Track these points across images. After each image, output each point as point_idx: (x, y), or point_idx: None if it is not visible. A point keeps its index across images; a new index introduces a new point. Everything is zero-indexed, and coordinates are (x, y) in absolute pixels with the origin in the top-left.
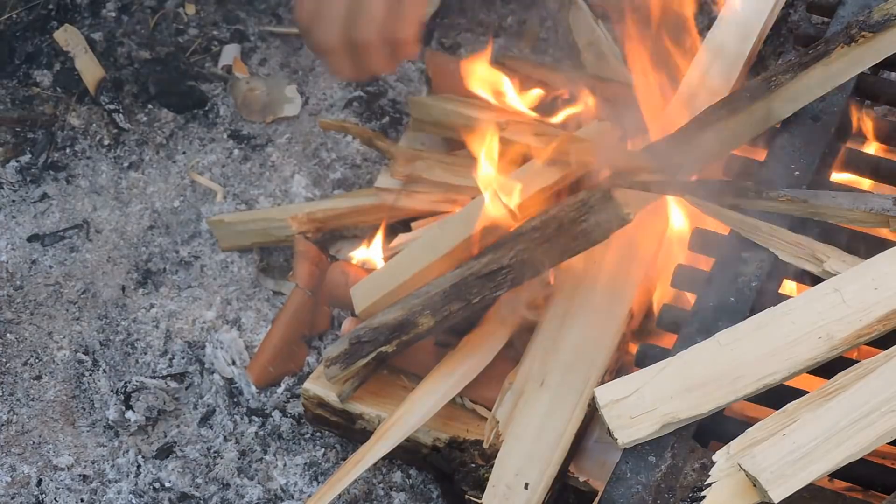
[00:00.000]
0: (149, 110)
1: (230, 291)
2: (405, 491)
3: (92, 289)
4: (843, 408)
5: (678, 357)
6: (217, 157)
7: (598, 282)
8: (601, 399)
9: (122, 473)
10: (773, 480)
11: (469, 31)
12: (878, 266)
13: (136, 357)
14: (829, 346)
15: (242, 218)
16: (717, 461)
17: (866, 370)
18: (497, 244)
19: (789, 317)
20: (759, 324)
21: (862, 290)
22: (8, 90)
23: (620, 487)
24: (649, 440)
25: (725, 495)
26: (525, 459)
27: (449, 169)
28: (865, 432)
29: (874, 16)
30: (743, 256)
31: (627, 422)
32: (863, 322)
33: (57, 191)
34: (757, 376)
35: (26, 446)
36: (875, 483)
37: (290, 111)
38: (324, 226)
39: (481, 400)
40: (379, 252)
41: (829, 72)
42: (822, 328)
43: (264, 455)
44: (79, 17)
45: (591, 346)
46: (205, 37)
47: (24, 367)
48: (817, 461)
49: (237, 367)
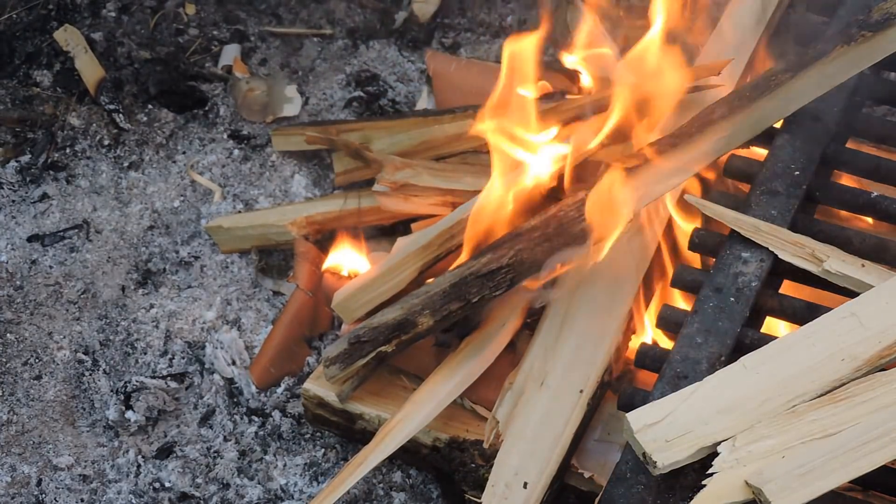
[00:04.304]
0: (149, 110)
1: (230, 291)
2: (405, 491)
3: (92, 289)
4: (854, 432)
5: (706, 381)
6: (217, 157)
7: (598, 282)
8: (634, 424)
9: (122, 473)
10: (777, 493)
11: (469, 31)
12: (891, 288)
13: (136, 357)
14: (852, 368)
15: (240, 223)
16: (721, 452)
17: (878, 382)
18: (496, 244)
19: (811, 340)
20: (781, 348)
21: (878, 312)
22: (8, 90)
23: (621, 487)
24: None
25: (727, 486)
26: (524, 459)
27: (438, 174)
28: (872, 456)
29: (874, 15)
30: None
31: (664, 445)
32: (882, 343)
33: (57, 191)
34: (785, 398)
35: (26, 446)
36: (876, 483)
37: (290, 111)
38: (323, 227)
39: (481, 400)
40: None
41: (829, 71)
42: (844, 350)
43: (264, 455)
44: (79, 17)
45: (591, 346)
46: (205, 37)
47: (24, 367)
48: (823, 478)
49: (237, 367)
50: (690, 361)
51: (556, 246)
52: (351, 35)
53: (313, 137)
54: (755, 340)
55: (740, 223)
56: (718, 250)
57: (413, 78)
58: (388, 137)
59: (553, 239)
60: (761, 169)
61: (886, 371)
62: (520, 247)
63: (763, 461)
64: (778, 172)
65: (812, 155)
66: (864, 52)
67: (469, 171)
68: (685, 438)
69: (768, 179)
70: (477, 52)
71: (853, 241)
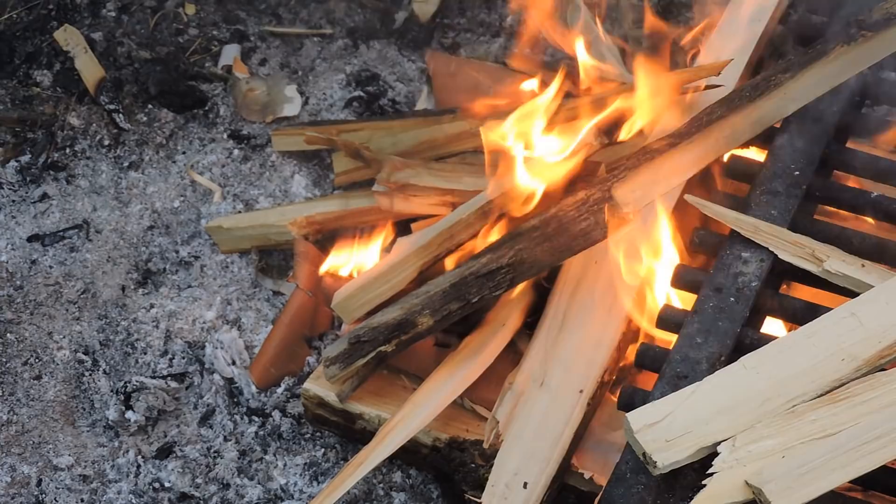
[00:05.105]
0: (149, 110)
1: (230, 291)
2: (405, 491)
3: (92, 289)
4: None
5: (706, 381)
6: (217, 157)
7: (598, 282)
8: (634, 424)
9: (122, 473)
10: (777, 493)
11: (469, 31)
12: (891, 288)
13: (136, 357)
14: (853, 367)
15: (240, 223)
16: (721, 452)
17: (878, 382)
18: (496, 244)
19: (811, 340)
20: (781, 348)
21: (878, 313)
22: (8, 90)
23: (621, 487)
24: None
25: (727, 486)
26: (524, 459)
27: (438, 174)
28: (872, 456)
29: (874, 15)
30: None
31: (664, 445)
32: (882, 343)
33: (57, 191)
34: (785, 398)
35: (26, 446)
36: (876, 483)
37: (290, 111)
38: (323, 227)
39: (481, 400)
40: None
41: (829, 71)
42: (844, 350)
43: (264, 455)
44: (79, 17)
45: (591, 346)
46: (205, 37)
47: (24, 367)
48: (823, 478)
49: (237, 367)
50: (690, 361)
51: (556, 246)
52: (351, 35)
53: (313, 137)
54: (755, 340)
55: (740, 223)
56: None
57: (413, 78)
58: (389, 137)
59: (553, 239)
60: (761, 169)
61: (886, 371)
62: (520, 247)
63: (763, 461)
64: (778, 172)
65: (812, 155)
66: (864, 52)
67: (469, 171)
68: (685, 438)
69: (768, 179)
70: (477, 52)
71: (853, 241)
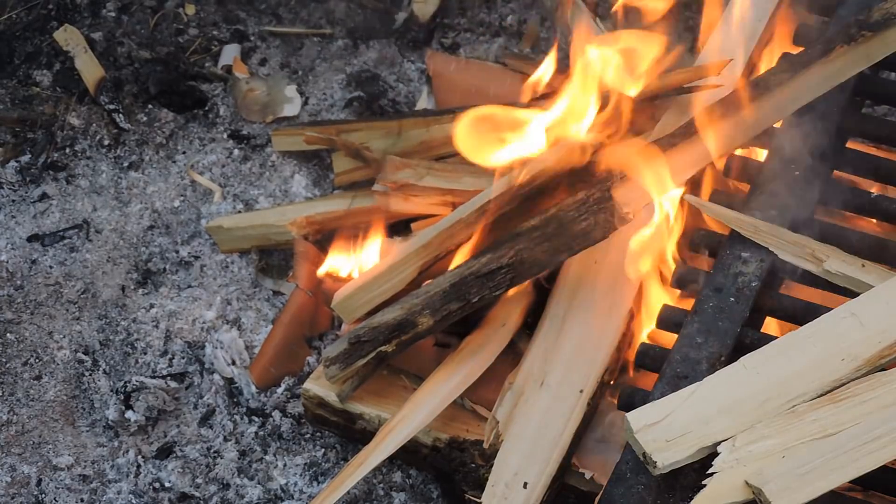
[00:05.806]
0: (149, 110)
1: (230, 291)
2: (405, 491)
3: (92, 289)
4: (854, 432)
5: (706, 381)
6: (217, 157)
7: (598, 282)
8: (634, 423)
9: (122, 473)
10: (777, 493)
11: (469, 31)
12: (891, 288)
13: (136, 357)
14: (852, 368)
15: (241, 223)
16: (721, 452)
17: (878, 382)
18: (496, 243)
19: (811, 340)
20: (781, 348)
21: (878, 313)
22: (8, 90)
23: (621, 487)
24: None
25: (727, 486)
26: (524, 459)
27: (439, 175)
28: (872, 456)
29: (874, 15)
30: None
31: (664, 445)
32: (882, 343)
33: (57, 191)
34: (785, 398)
35: (26, 446)
36: (876, 483)
37: (290, 111)
38: (323, 227)
39: (481, 400)
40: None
41: (829, 71)
42: (844, 350)
43: (264, 455)
44: (79, 17)
45: (591, 346)
46: (205, 37)
47: (24, 367)
48: (823, 478)
49: (237, 367)
50: (690, 361)
51: (556, 246)
52: (351, 35)
53: (313, 137)
54: (755, 340)
55: (740, 223)
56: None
57: (413, 78)
58: (389, 137)
59: (553, 239)
60: (761, 169)
61: (886, 371)
62: (520, 247)
63: (763, 461)
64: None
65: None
66: (864, 52)
67: (469, 171)
68: (685, 438)
69: (768, 179)
70: (477, 52)
71: (853, 241)
